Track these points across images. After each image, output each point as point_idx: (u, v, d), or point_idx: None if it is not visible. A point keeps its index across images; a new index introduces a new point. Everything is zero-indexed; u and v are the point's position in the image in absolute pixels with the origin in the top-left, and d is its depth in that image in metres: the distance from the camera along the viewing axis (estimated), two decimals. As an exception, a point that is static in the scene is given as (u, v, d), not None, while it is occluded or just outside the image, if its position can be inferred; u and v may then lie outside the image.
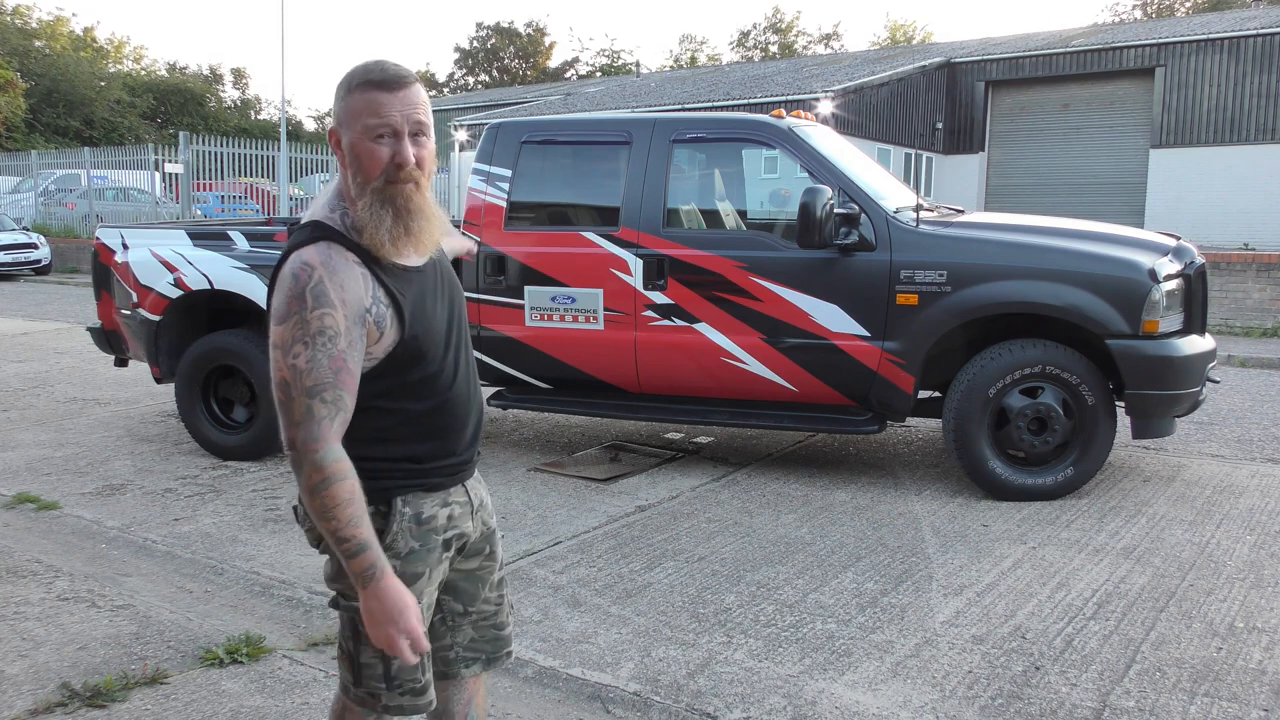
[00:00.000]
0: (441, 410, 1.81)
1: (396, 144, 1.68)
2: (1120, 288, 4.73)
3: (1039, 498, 4.89)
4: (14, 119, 35.86)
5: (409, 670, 1.81)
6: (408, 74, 1.71)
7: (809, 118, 5.96)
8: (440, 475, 1.84)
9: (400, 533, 1.78)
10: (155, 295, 5.82)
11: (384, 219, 1.69)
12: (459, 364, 1.85)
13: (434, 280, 1.83)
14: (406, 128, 1.68)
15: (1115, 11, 49.00)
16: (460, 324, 1.88)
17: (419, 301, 1.76)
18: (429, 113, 1.74)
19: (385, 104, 1.67)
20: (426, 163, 1.73)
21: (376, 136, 1.67)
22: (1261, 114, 21.29)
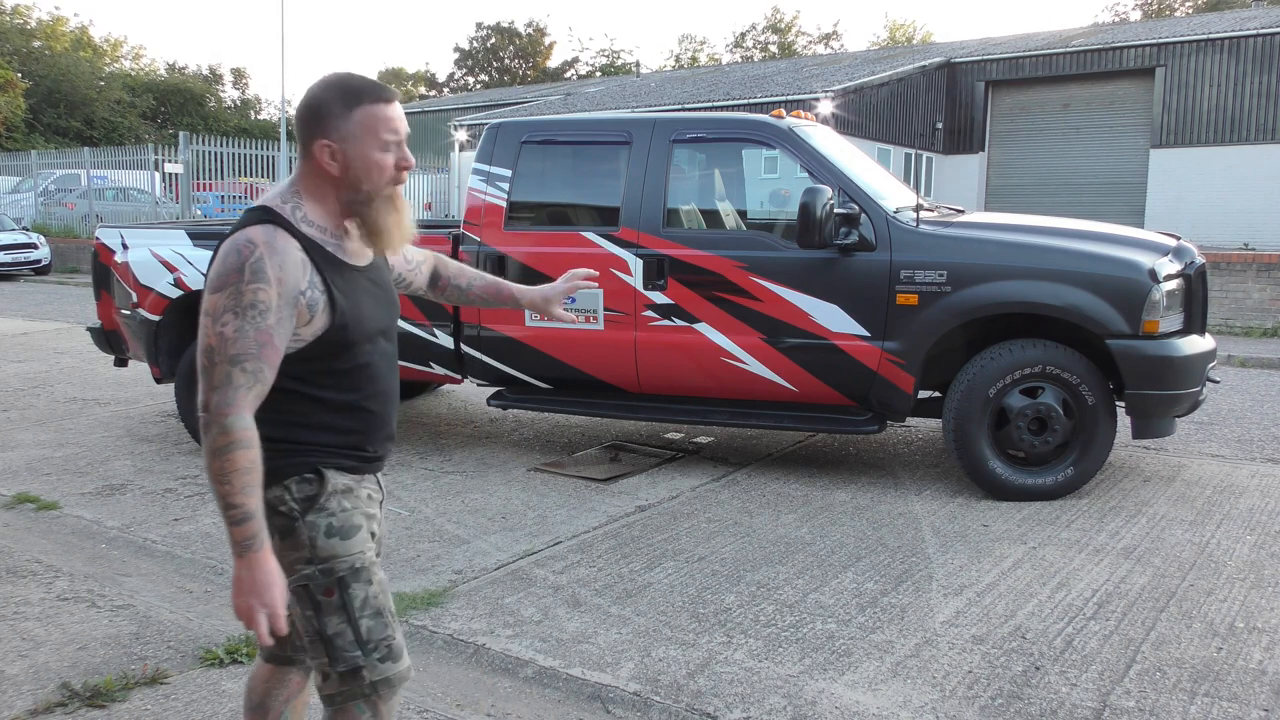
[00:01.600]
0: (365, 404, 1.92)
1: (400, 151, 1.87)
2: (1120, 288, 4.73)
3: (1039, 498, 4.89)
4: (14, 119, 35.86)
5: (379, 628, 1.87)
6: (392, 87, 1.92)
7: (809, 118, 5.96)
8: (355, 461, 1.93)
9: (334, 494, 1.88)
10: (155, 295, 5.82)
11: (393, 218, 1.89)
12: (387, 366, 1.98)
13: (374, 281, 1.95)
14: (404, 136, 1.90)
15: (1115, 11, 49.02)
16: (392, 330, 2.01)
17: (353, 296, 1.87)
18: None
19: (394, 118, 1.85)
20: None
21: (391, 146, 1.85)
22: (1261, 114, 21.30)
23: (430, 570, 4.02)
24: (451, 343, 5.62)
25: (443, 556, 4.18)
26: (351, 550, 1.87)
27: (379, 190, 1.86)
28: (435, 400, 7.58)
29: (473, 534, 4.47)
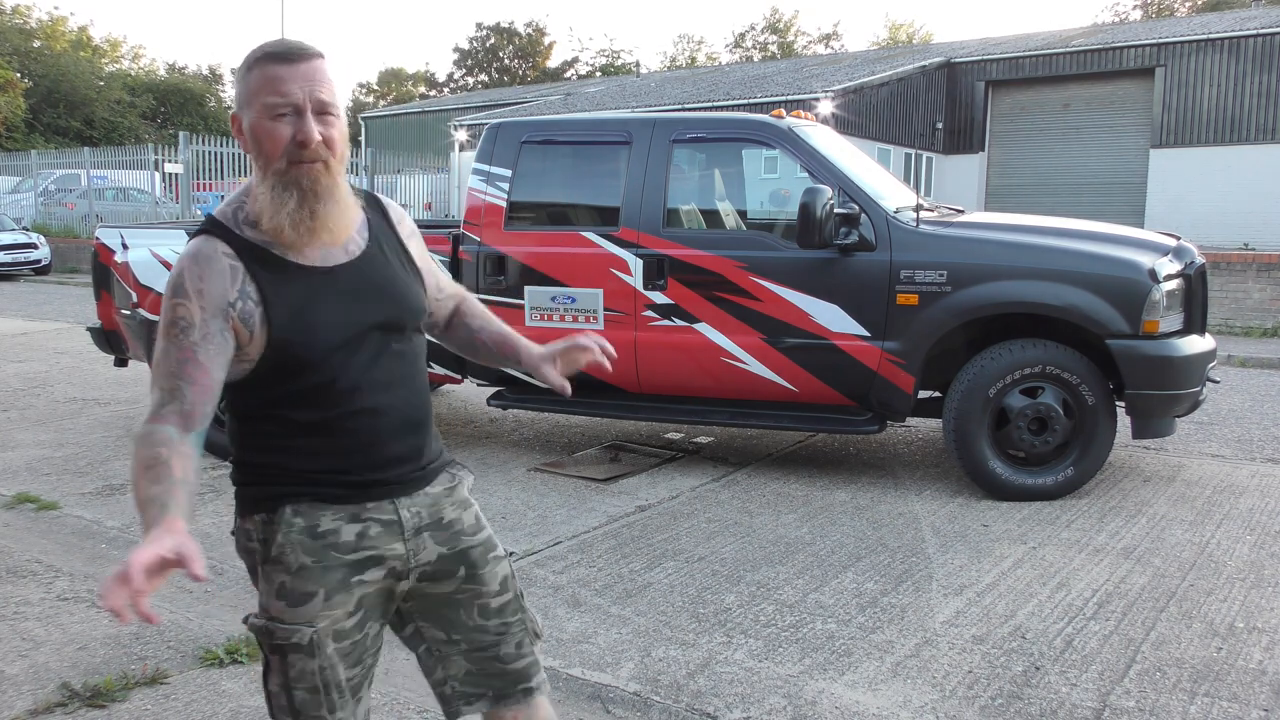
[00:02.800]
0: (339, 421, 1.64)
1: (299, 121, 1.56)
2: (1120, 288, 4.73)
3: (1039, 498, 4.89)
4: (14, 119, 35.86)
5: (312, 705, 1.66)
6: (309, 48, 1.60)
7: (809, 118, 5.96)
8: (340, 488, 1.66)
9: (289, 545, 1.63)
10: (155, 295, 5.82)
11: (286, 202, 1.58)
12: (370, 374, 1.66)
13: (345, 282, 1.66)
14: (310, 105, 1.56)
15: (1115, 11, 49.01)
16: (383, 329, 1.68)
17: (301, 303, 1.61)
18: (335, 91, 1.62)
19: (284, 78, 1.55)
20: (336, 143, 1.60)
21: (277, 115, 1.56)
22: (1261, 114, 21.29)
23: (430, 570, 4.02)
24: (451, 343, 5.62)
25: (443, 556, 4.18)
26: (297, 620, 1.63)
27: (278, 169, 1.57)
28: (435, 400, 7.58)
29: (473, 534, 4.46)
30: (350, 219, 1.67)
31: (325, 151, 1.59)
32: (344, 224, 1.65)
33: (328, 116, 1.59)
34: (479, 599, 1.80)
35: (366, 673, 1.76)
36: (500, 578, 1.83)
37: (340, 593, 1.66)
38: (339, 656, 1.68)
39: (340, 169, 1.63)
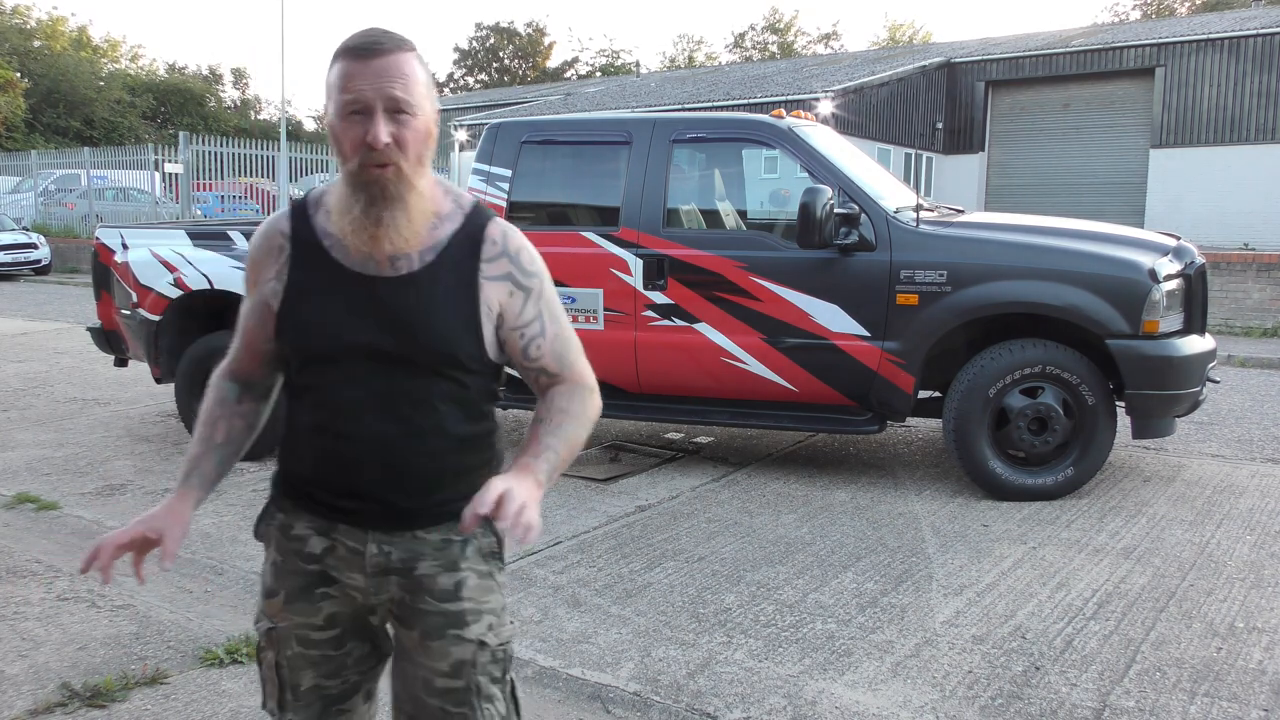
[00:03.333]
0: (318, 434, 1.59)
1: (368, 121, 1.46)
2: (1120, 288, 4.73)
3: (1039, 498, 4.89)
4: (14, 119, 35.86)
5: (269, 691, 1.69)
6: (388, 41, 1.49)
7: (809, 118, 5.96)
8: (313, 500, 1.63)
9: (270, 536, 1.68)
10: (155, 295, 5.82)
11: (353, 206, 1.50)
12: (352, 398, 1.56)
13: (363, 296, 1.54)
14: (381, 103, 1.46)
15: (1115, 11, 49.01)
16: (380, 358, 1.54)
17: (309, 302, 1.56)
18: (413, 87, 1.48)
19: (356, 75, 1.46)
20: (409, 144, 1.48)
21: (349, 113, 1.47)
22: (1261, 114, 21.30)
23: (430, 570, 4.02)
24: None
25: (443, 556, 4.18)
26: (264, 610, 1.67)
27: (350, 169, 1.48)
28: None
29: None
30: (419, 230, 1.53)
31: (396, 153, 1.47)
32: (411, 234, 1.52)
33: (401, 115, 1.47)
34: (425, 670, 1.61)
35: (352, 688, 1.71)
36: (453, 660, 1.59)
37: (302, 600, 1.63)
38: (305, 662, 1.66)
39: (415, 173, 1.50)
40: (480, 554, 1.63)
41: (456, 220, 1.58)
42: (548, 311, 1.63)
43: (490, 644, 1.61)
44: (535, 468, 1.56)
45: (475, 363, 1.58)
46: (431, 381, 1.57)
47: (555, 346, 1.64)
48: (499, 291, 1.58)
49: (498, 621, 1.63)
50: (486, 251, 1.58)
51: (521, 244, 1.61)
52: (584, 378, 1.68)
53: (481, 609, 1.61)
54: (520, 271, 1.60)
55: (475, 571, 1.62)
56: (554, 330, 1.64)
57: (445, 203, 1.59)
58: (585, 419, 1.66)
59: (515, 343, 1.62)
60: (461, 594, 1.60)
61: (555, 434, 1.61)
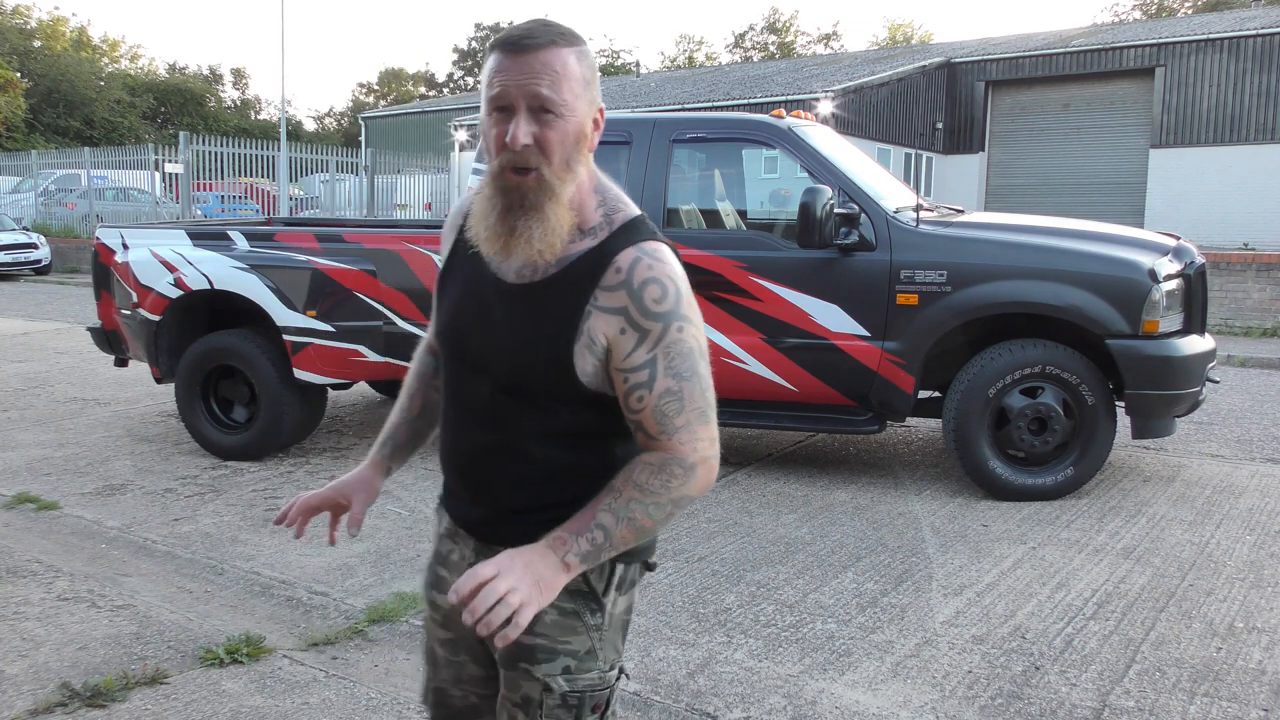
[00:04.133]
0: (445, 429, 1.58)
1: (510, 120, 1.36)
2: (1120, 288, 4.73)
3: (1039, 498, 4.89)
4: (14, 119, 35.88)
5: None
6: (542, 34, 1.37)
7: (809, 118, 5.96)
8: (445, 500, 1.63)
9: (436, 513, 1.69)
10: (155, 295, 5.82)
11: (490, 212, 1.41)
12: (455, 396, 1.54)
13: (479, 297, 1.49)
14: (523, 101, 1.35)
15: (1115, 12, 49.01)
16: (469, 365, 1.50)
17: (458, 295, 1.52)
18: (562, 85, 1.36)
19: (502, 70, 1.36)
20: (552, 148, 1.36)
21: (493, 110, 1.38)
22: (1261, 114, 21.30)
23: (430, 570, 4.02)
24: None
25: (443, 556, 4.18)
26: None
27: (494, 170, 1.40)
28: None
29: (473, 534, 4.46)
30: (555, 244, 1.40)
31: (537, 157, 1.35)
32: (546, 246, 1.39)
33: (546, 115, 1.35)
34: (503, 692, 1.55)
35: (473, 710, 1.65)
36: (522, 694, 1.50)
37: (429, 594, 1.65)
38: (434, 659, 1.67)
39: (558, 179, 1.37)
40: (565, 590, 1.43)
41: (599, 237, 1.43)
42: (665, 362, 1.39)
43: (557, 689, 1.47)
44: (569, 545, 1.37)
45: (565, 394, 1.43)
46: (523, 403, 1.45)
47: (662, 404, 1.40)
48: (609, 325, 1.39)
49: (578, 665, 1.48)
50: (607, 279, 1.40)
51: (654, 277, 1.39)
52: (684, 451, 1.41)
53: (556, 648, 1.47)
54: (638, 308, 1.38)
55: (556, 607, 1.45)
56: (667, 385, 1.39)
57: (594, 215, 1.44)
58: (665, 500, 1.40)
59: (620, 386, 1.42)
60: (535, 628, 1.45)
61: (615, 511, 1.39)
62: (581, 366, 1.41)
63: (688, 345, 1.40)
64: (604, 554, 1.40)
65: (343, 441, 6.23)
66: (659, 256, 1.41)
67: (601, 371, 1.42)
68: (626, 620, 1.56)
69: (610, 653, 1.52)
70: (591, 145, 1.43)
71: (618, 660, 1.54)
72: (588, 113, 1.40)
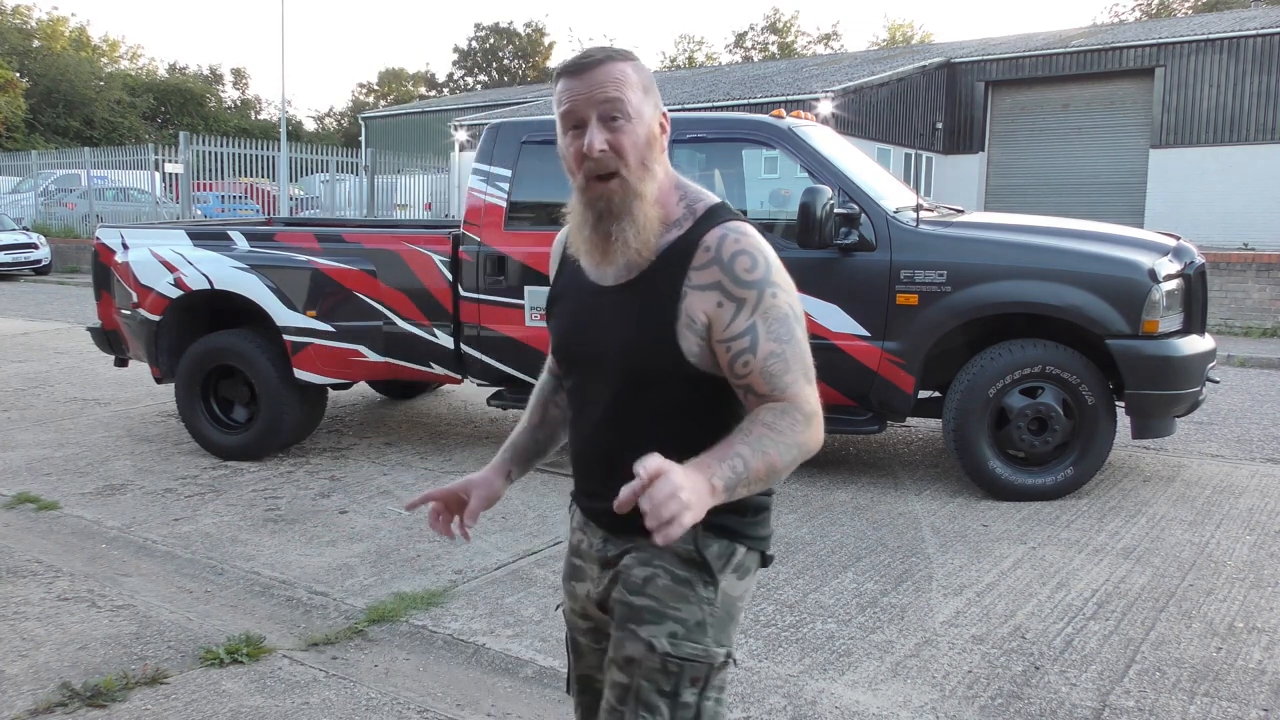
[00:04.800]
0: (572, 433, 1.70)
1: (583, 135, 1.46)
2: (1120, 288, 4.73)
3: (1039, 498, 4.89)
4: (14, 119, 35.88)
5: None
6: (601, 53, 1.48)
7: (809, 118, 5.96)
8: (577, 497, 1.72)
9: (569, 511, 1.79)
10: (155, 295, 5.82)
11: (584, 225, 1.52)
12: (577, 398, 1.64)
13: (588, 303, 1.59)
14: (593, 112, 1.45)
15: (1115, 12, 48.98)
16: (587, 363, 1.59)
17: (567, 308, 1.64)
18: (625, 87, 1.46)
19: (569, 90, 1.47)
20: (627, 150, 1.46)
21: (568, 129, 1.49)
22: (1261, 114, 21.30)
23: (430, 570, 4.02)
24: (451, 343, 5.62)
25: (443, 556, 4.18)
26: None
27: (579, 186, 1.51)
28: (435, 400, 7.58)
29: (473, 534, 4.46)
30: (649, 240, 1.50)
31: (615, 161, 1.46)
32: (642, 244, 1.50)
33: (615, 121, 1.46)
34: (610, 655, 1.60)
35: None
36: (625, 653, 1.55)
37: (566, 585, 1.75)
38: (577, 648, 1.75)
39: (638, 180, 1.48)
40: (679, 556, 1.54)
41: (684, 226, 1.53)
42: (765, 326, 1.47)
43: (660, 650, 1.51)
44: (713, 469, 1.38)
45: (678, 375, 1.51)
46: (640, 394, 1.54)
47: (768, 365, 1.48)
48: (706, 301, 1.48)
49: (684, 633, 1.52)
50: (698, 259, 1.50)
51: (742, 249, 1.48)
52: (802, 401, 1.51)
53: (665, 612, 1.53)
54: (731, 280, 1.47)
55: (669, 572, 1.54)
56: (770, 348, 1.47)
57: (676, 209, 1.55)
58: (792, 443, 1.47)
59: (724, 356, 1.50)
60: (647, 590, 1.54)
61: (750, 444, 1.42)
62: (687, 347, 1.50)
63: (783, 310, 1.49)
64: (741, 488, 1.41)
65: (343, 441, 6.23)
66: (743, 231, 1.51)
67: (706, 349, 1.51)
68: (739, 608, 1.61)
69: (719, 632, 1.56)
70: (662, 147, 1.54)
71: (727, 644, 1.57)
72: (653, 116, 1.52)
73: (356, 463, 5.71)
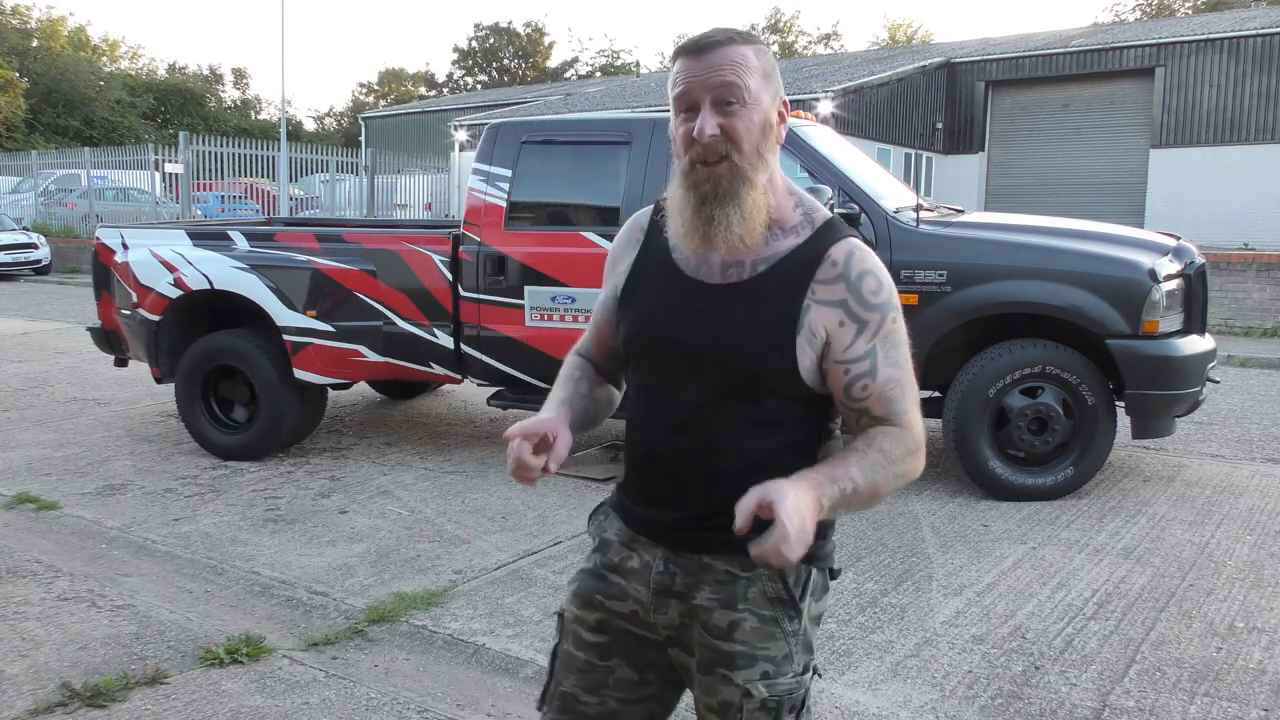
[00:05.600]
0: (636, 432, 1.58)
1: (694, 118, 1.42)
2: (1120, 288, 4.73)
3: (1039, 498, 4.89)
4: (14, 119, 35.88)
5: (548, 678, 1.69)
6: (719, 34, 1.43)
7: (809, 118, 5.96)
8: (625, 506, 1.61)
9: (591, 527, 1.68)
10: (155, 295, 5.82)
11: (685, 207, 1.45)
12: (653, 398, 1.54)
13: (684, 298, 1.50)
14: (707, 95, 1.40)
15: (1115, 12, 48.98)
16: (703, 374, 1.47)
17: (653, 300, 1.53)
18: (745, 76, 1.41)
19: (685, 72, 1.42)
20: (740, 136, 1.40)
21: (680, 111, 1.44)
22: (1261, 114, 21.30)
23: (430, 570, 4.02)
24: (451, 343, 5.62)
25: (443, 556, 4.18)
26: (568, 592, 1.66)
27: (683, 168, 1.45)
28: (435, 400, 7.58)
29: (473, 534, 4.47)
30: (754, 229, 1.44)
31: (725, 145, 1.40)
32: (747, 232, 1.43)
33: (730, 105, 1.40)
34: (700, 701, 1.56)
35: (609, 712, 1.60)
36: (720, 699, 1.51)
37: (585, 597, 1.61)
38: (571, 664, 1.62)
39: (750, 165, 1.42)
40: (765, 597, 1.49)
41: (803, 235, 1.47)
42: (884, 351, 1.44)
43: (758, 695, 1.48)
44: (824, 489, 1.36)
45: (783, 387, 1.46)
46: (736, 399, 1.47)
47: (887, 391, 1.45)
48: (829, 318, 1.44)
49: (775, 670, 1.49)
50: (823, 272, 1.44)
51: (868, 269, 1.44)
52: (916, 430, 1.48)
53: (756, 654, 1.49)
54: (857, 300, 1.43)
55: (755, 615, 1.50)
56: (889, 374, 1.44)
57: (793, 215, 1.49)
58: (900, 472, 1.45)
59: (839, 377, 1.45)
60: (735, 635, 1.49)
61: (863, 467, 1.41)
62: (802, 361, 1.44)
63: (901, 336, 1.46)
64: (842, 508, 1.40)
65: (343, 441, 6.23)
66: (866, 250, 1.47)
67: (817, 366, 1.46)
68: (819, 625, 1.60)
69: (804, 655, 1.53)
70: (779, 137, 1.47)
71: (810, 660, 1.55)
72: (771, 104, 1.45)
73: (356, 463, 5.71)
